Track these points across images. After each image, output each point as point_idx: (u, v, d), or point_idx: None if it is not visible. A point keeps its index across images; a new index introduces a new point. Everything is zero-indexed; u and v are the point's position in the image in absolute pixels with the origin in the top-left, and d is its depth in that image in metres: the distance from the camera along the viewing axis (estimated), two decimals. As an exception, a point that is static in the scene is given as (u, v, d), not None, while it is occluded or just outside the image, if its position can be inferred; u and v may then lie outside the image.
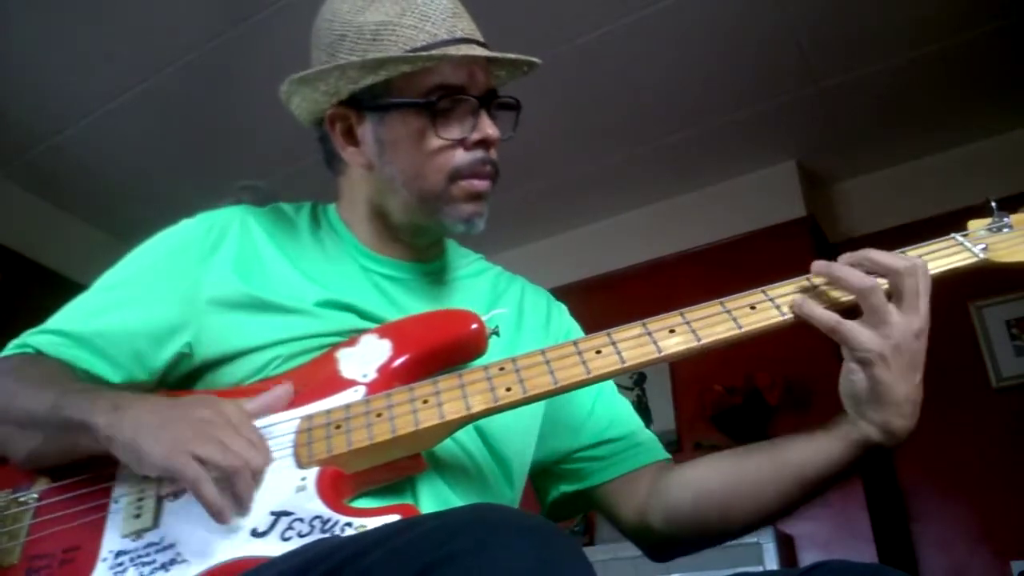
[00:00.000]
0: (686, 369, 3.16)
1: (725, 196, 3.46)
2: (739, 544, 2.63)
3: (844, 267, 0.79)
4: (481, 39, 0.91)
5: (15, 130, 2.98)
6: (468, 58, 0.87)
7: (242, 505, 0.72)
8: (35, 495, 0.83)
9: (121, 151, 3.12)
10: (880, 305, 0.76)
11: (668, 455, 1.02)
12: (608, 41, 2.69)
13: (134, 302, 0.90)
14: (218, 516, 0.70)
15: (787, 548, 2.74)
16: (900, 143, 3.26)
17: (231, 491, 0.71)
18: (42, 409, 0.79)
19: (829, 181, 3.50)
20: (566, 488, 1.02)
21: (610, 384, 1.06)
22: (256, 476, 0.73)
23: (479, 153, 0.90)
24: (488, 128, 0.90)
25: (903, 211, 3.08)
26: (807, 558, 2.76)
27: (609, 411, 1.03)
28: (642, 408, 3.25)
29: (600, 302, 2.12)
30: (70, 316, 0.92)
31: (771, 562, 2.55)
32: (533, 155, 3.16)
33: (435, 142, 0.88)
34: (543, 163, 3.29)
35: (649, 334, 0.81)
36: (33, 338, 0.90)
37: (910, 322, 0.77)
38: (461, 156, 0.89)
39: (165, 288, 0.90)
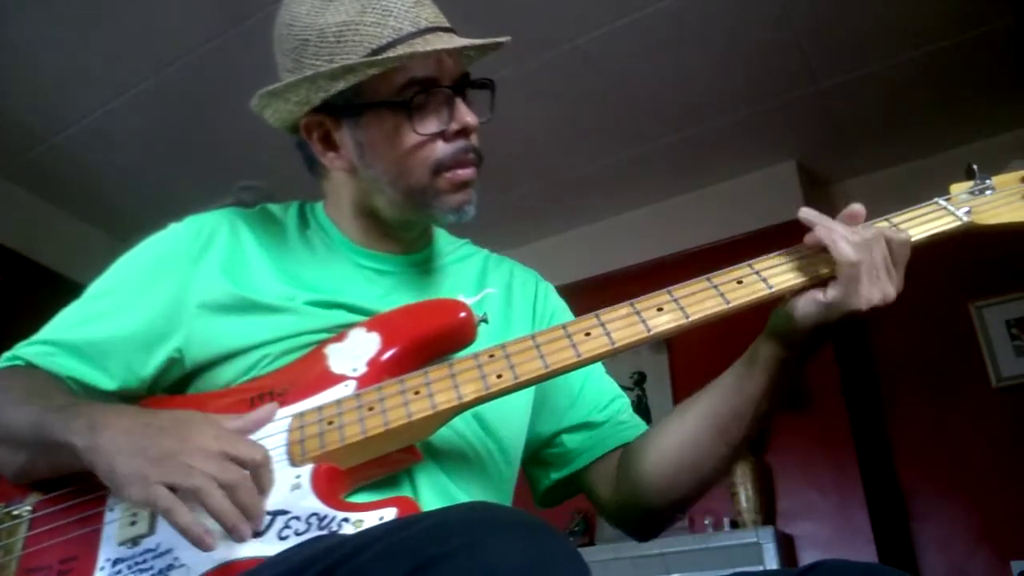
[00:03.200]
0: (686, 369, 3.16)
1: (725, 196, 3.46)
2: (739, 544, 2.64)
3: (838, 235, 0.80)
4: (446, 24, 0.90)
5: (15, 130, 2.98)
6: (437, 52, 0.86)
7: (227, 522, 0.68)
8: (29, 507, 0.82)
9: (121, 151, 3.12)
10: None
11: (640, 425, 1.03)
12: (608, 41, 2.69)
13: (123, 310, 0.90)
14: (198, 543, 0.68)
15: (787, 548, 2.74)
16: (900, 143, 3.26)
17: (207, 510, 0.68)
18: (25, 428, 0.79)
19: (829, 181, 3.50)
20: (556, 475, 1.02)
21: (597, 364, 1.06)
22: (235, 490, 0.69)
23: (460, 143, 0.89)
24: (466, 116, 0.89)
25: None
26: (807, 558, 2.76)
27: (597, 393, 1.03)
28: (642, 408, 3.25)
29: (600, 302, 2.11)
30: (61, 326, 0.91)
31: (771, 562, 2.55)
32: (533, 155, 3.16)
33: (414, 138, 0.87)
34: (543, 163, 3.30)
35: (637, 313, 0.81)
36: (24, 350, 0.90)
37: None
38: (442, 148, 0.89)
39: (153, 295, 0.90)
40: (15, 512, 0.82)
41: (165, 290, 0.90)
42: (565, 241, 3.78)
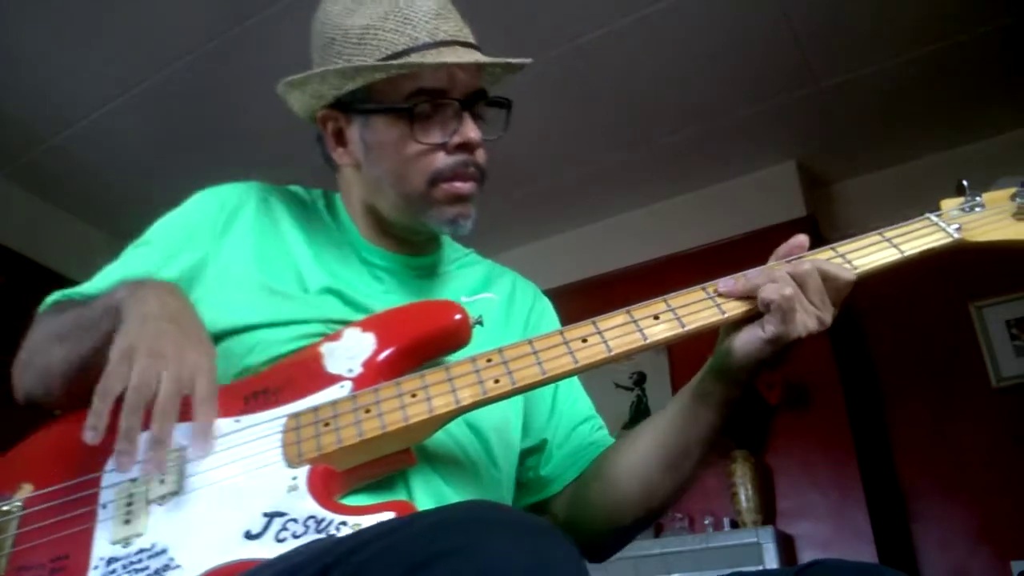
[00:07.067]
0: (686, 369, 3.15)
1: (725, 196, 3.45)
2: (739, 544, 2.64)
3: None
4: (468, 39, 0.92)
5: (15, 130, 2.98)
6: (445, 64, 0.88)
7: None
8: (19, 503, 0.80)
9: (121, 151, 3.12)
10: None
11: (608, 442, 1.03)
12: (608, 41, 2.69)
13: (153, 271, 0.92)
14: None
15: (787, 548, 2.74)
16: (900, 143, 3.25)
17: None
18: (69, 320, 0.84)
19: (829, 181, 3.49)
20: (528, 499, 1.02)
21: (574, 381, 1.06)
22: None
23: (461, 156, 0.91)
24: (470, 132, 0.90)
25: (903, 211, 3.07)
26: (807, 558, 2.75)
27: (571, 411, 1.04)
28: (642, 408, 3.25)
29: (599, 303, 2.11)
30: (94, 279, 0.95)
31: (771, 562, 2.55)
32: (533, 155, 3.15)
33: (415, 146, 0.90)
34: (543, 163, 3.29)
35: (634, 321, 0.82)
36: (59, 293, 0.93)
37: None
38: (442, 160, 0.90)
39: (178, 262, 0.93)
40: (4, 508, 0.79)
41: (189, 259, 0.93)
42: (565, 241, 3.77)
